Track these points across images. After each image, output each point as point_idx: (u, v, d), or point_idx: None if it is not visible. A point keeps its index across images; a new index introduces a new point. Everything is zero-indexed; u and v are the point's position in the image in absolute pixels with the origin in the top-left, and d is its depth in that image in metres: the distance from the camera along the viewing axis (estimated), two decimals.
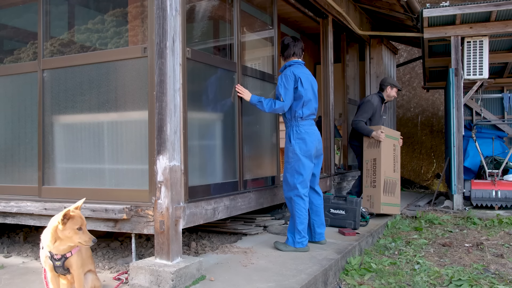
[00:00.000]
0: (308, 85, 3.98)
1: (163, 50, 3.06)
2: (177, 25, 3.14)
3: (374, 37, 8.11)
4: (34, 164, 3.82)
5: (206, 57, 3.66)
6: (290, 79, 3.93)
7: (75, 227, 2.46)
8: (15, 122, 4.01)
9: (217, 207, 3.59)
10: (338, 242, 4.14)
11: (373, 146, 5.42)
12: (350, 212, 4.79)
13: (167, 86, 3.04)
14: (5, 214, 3.82)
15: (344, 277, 3.57)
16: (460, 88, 6.34)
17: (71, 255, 2.53)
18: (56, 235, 2.47)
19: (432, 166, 10.87)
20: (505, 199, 6.20)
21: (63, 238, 2.47)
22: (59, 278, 2.63)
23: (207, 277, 3.04)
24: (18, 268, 3.49)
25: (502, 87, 9.00)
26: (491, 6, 5.81)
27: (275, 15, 4.87)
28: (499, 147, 7.81)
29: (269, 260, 3.48)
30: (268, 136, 4.66)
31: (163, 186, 3.03)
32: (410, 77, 11.85)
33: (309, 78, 4.05)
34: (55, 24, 3.98)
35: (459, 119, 6.32)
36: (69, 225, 2.45)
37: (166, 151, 3.02)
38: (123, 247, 3.90)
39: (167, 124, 3.03)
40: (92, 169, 3.54)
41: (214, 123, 3.84)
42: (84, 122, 3.60)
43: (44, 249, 2.54)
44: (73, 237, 2.46)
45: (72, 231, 2.45)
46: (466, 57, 6.33)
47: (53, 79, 3.73)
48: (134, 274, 2.92)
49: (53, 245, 2.48)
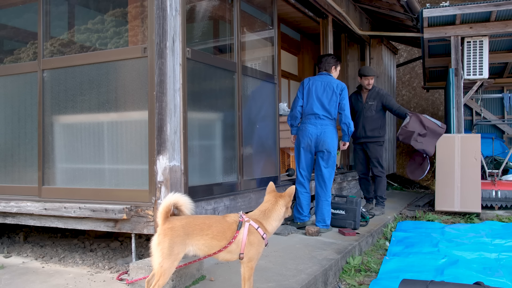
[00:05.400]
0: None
1: (163, 50, 3.06)
2: (177, 25, 3.14)
3: (374, 37, 8.11)
4: (34, 164, 3.82)
5: (206, 57, 3.66)
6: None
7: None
8: (15, 122, 4.01)
9: (217, 207, 3.59)
10: (338, 242, 4.14)
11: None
12: (350, 212, 4.79)
13: (167, 86, 3.04)
14: (5, 214, 3.82)
15: (344, 277, 3.57)
16: (460, 88, 6.34)
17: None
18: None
19: (432, 166, 10.86)
20: (505, 199, 6.20)
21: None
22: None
23: (207, 277, 3.04)
24: (18, 268, 3.49)
25: (502, 87, 9.00)
26: (491, 6, 5.81)
27: (275, 15, 4.87)
28: (499, 147, 7.81)
29: (269, 260, 3.48)
30: (268, 136, 4.66)
31: (163, 186, 3.03)
32: (410, 77, 11.85)
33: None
34: (55, 24, 3.98)
35: (459, 119, 6.32)
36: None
37: (166, 151, 3.02)
38: (123, 247, 3.90)
39: (167, 124, 3.03)
40: (92, 169, 3.54)
41: (214, 123, 3.84)
42: (84, 122, 3.60)
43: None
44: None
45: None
46: (466, 57, 6.33)
47: (53, 79, 3.73)
48: (134, 274, 2.92)
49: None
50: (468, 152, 5.89)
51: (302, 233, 4.51)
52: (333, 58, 4.82)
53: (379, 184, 5.82)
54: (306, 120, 4.65)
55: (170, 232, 2.43)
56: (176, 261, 2.45)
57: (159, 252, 2.42)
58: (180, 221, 2.49)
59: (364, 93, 5.90)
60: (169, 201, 2.49)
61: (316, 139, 4.58)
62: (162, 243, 2.42)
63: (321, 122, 4.58)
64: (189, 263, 2.86)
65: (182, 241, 2.45)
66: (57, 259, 3.66)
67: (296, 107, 4.69)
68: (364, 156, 5.95)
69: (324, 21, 6.30)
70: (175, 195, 2.52)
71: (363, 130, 5.80)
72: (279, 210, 2.70)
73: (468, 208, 5.83)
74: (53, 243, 4.12)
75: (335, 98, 4.58)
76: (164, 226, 2.45)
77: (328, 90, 4.60)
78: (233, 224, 2.57)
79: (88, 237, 4.23)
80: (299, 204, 4.73)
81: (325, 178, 4.58)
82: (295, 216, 4.73)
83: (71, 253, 3.79)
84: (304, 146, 4.63)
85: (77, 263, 3.55)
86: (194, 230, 2.49)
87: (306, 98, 4.65)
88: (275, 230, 2.74)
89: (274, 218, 2.68)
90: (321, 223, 4.56)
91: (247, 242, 2.52)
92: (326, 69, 4.77)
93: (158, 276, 2.41)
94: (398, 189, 9.24)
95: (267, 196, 2.76)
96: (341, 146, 4.91)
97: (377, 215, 5.69)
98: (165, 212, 2.47)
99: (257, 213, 2.70)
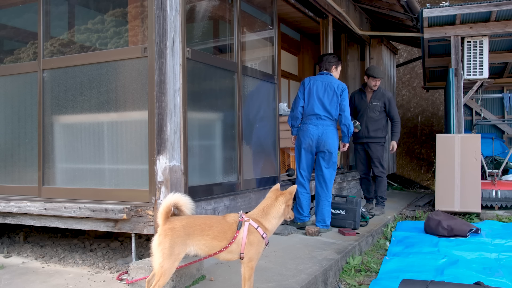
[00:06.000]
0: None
1: (163, 50, 3.06)
2: (177, 25, 3.13)
3: (374, 37, 8.11)
4: (34, 164, 3.81)
5: (206, 57, 3.66)
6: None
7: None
8: (15, 122, 4.01)
9: (217, 207, 3.59)
10: (338, 242, 4.14)
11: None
12: (350, 212, 4.79)
13: (167, 86, 3.04)
14: (5, 214, 3.82)
15: (344, 277, 3.57)
16: (460, 88, 6.33)
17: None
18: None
19: (432, 166, 10.86)
20: (505, 199, 6.20)
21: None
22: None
23: (207, 277, 3.04)
24: (18, 268, 3.49)
25: (502, 87, 9.00)
26: (491, 6, 5.81)
27: (275, 15, 4.87)
28: (499, 147, 7.81)
29: (269, 260, 3.48)
30: (268, 136, 4.66)
31: (163, 186, 3.03)
32: (410, 77, 11.85)
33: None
34: (55, 24, 3.97)
35: (459, 119, 6.32)
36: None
37: (166, 151, 3.02)
38: (123, 247, 3.90)
39: (167, 124, 3.03)
40: (92, 169, 3.54)
41: (214, 123, 3.84)
42: (84, 122, 3.60)
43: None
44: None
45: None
46: (466, 57, 6.33)
47: (53, 79, 3.73)
48: (134, 274, 2.92)
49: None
50: (468, 152, 5.89)
51: (302, 233, 4.51)
52: (335, 58, 4.79)
53: (380, 184, 5.82)
54: (307, 120, 4.64)
55: (171, 232, 2.43)
56: (177, 261, 2.45)
57: (160, 253, 2.42)
58: (181, 221, 2.49)
59: (368, 92, 5.87)
60: (170, 201, 2.49)
61: (318, 140, 4.57)
62: (162, 244, 2.42)
63: (322, 123, 4.57)
64: (189, 264, 2.86)
65: (183, 242, 2.45)
66: (57, 259, 3.66)
67: (297, 108, 4.67)
68: (365, 156, 5.95)
69: (324, 21, 6.30)
70: (175, 195, 2.52)
71: (366, 130, 5.79)
72: (278, 207, 2.69)
73: (468, 208, 5.83)
74: (53, 243, 4.12)
75: (336, 99, 4.57)
76: (165, 227, 2.45)
77: (329, 90, 4.58)
78: (233, 224, 2.57)
79: (88, 237, 4.23)
80: (299, 204, 4.72)
81: (326, 179, 4.58)
82: (295, 216, 4.73)
83: (71, 253, 3.79)
84: (305, 146, 4.62)
85: (77, 263, 3.55)
86: (195, 230, 2.49)
87: (307, 98, 4.64)
88: (275, 228, 2.73)
89: (274, 215, 2.68)
90: (321, 223, 4.56)
91: (247, 242, 2.52)
92: (326, 68, 4.75)
93: (159, 276, 2.41)
94: (398, 189, 9.25)
95: (268, 194, 2.76)
96: (341, 147, 4.90)
97: (377, 215, 5.69)
98: (166, 212, 2.47)
99: (256, 211, 2.70)
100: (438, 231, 4.82)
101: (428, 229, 4.97)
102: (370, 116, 5.78)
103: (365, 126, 5.79)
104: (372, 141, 5.79)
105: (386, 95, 5.81)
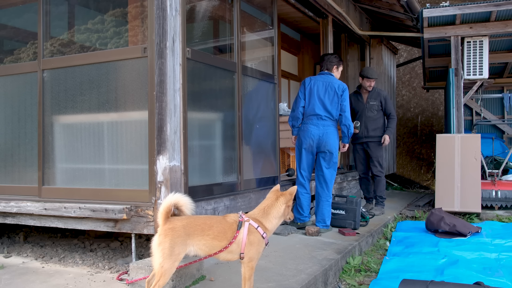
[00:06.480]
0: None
1: (163, 50, 3.06)
2: (177, 25, 3.13)
3: (374, 37, 8.11)
4: (34, 164, 3.81)
5: (206, 57, 3.66)
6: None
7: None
8: (15, 122, 4.01)
9: (217, 207, 3.59)
10: (338, 242, 4.14)
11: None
12: (350, 212, 4.79)
13: (167, 86, 3.04)
14: (5, 214, 3.82)
15: (344, 277, 3.57)
16: (460, 88, 6.34)
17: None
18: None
19: (432, 166, 10.86)
20: (505, 199, 6.20)
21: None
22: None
23: (207, 277, 3.04)
24: (18, 268, 3.49)
25: (502, 87, 9.00)
26: (491, 6, 5.81)
27: (275, 15, 4.86)
28: (499, 147, 7.81)
29: (269, 260, 3.48)
30: (268, 136, 4.66)
31: (163, 186, 3.03)
32: (410, 77, 11.85)
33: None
34: (55, 24, 3.97)
35: (459, 119, 6.32)
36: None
37: (166, 151, 3.02)
38: (123, 247, 3.90)
39: (167, 124, 3.03)
40: (92, 169, 3.54)
41: (214, 123, 3.84)
42: (84, 122, 3.60)
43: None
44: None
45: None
46: (466, 57, 6.33)
47: (53, 79, 3.73)
48: (134, 274, 2.92)
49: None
50: (468, 152, 5.89)
51: (302, 233, 4.51)
52: (336, 58, 4.78)
53: (378, 184, 5.83)
54: (307, 120, 4.63)
55: (171, 232, 2.43)
56: (177, 261, 2.45)
57: (160, 253, 2.42)
58: (181, 221, 2.49)
59: (364, 93, 5.92)
60: (170, 201, 2.49)
61: (318, 140, 4.56)
62: (163, 244, 2.42)
63: (323, 123, 4.57)
64: (189, 264, 2.86)
65: (183, 242, 2.45)
66: (57, 259, 3.66)
67: (298, 108, 4.65)
68: (364, 156, 5.96)
69: (324, 21, 6.30)
70: (175, 195, 2.52)
71: (365, 130, 5.81)
72: (279, 207, 2.69)
73: (468, 208, 5.83)
74: (53, 243, 4.12)
75: (337, 99, 4.56)
76: (165, 227, 2.45)
77: (330, 90, 4.57)
78: (233, 224, 2.57)
79: (88, 237, 4.23)
80: (299, 204, 4.72)
81: (327, 179, 4.58)
82: (295, 217, 4.73)
83: (71, 253, 3.79)
84: (306, 146, 4.61)
85: (77, 263, 3.55)
86: (195, 230, 2.49)
87: (308, 98, 4.62)
88: (275, 228, 2.73)
89: (274, 215, 2.68)
90: (321, 223, 4.56)
91: (247, 241, 2.52)
92: (328, 68, 4.73)
93: (159, 276, 2.41)
94: (398, 189, 9.25)
95: (268, 194, 2.77)
96: (341, 148, 4.90)
97: (377, 215, 5.70)
98: (166, 212, 2.47)
99: (256, 211, 2.70)
100: (440, 226, 4.80)
101: (430, 224, 4.96)
102: (369, 116, 5.81)
103: (364, 126, 5.82)
104: (371, 141, 5.81)
105: (382, 94, 5.88)
